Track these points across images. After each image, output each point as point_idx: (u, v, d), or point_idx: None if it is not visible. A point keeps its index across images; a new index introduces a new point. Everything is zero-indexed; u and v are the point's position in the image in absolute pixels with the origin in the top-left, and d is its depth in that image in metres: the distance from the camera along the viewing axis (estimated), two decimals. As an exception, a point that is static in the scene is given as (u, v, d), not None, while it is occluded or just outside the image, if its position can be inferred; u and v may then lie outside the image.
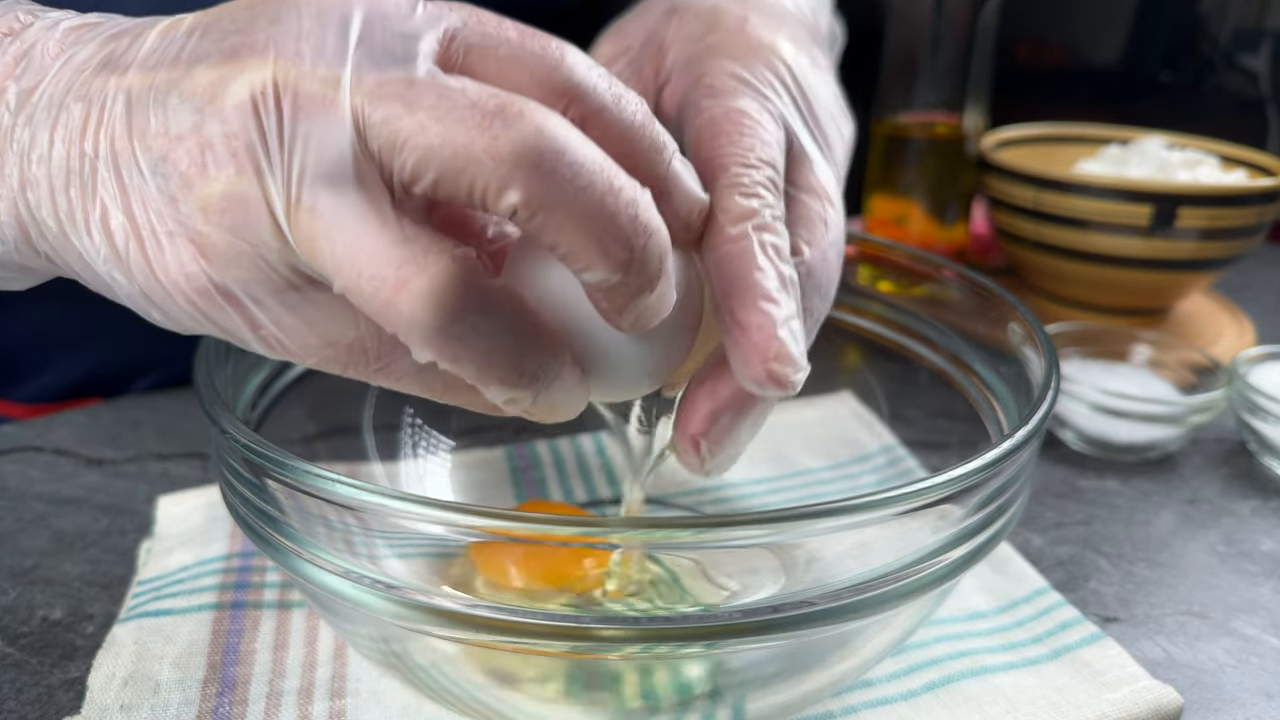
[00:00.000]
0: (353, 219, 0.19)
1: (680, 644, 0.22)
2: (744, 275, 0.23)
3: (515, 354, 0.20)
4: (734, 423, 0.25)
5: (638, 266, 0.20)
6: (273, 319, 0.21)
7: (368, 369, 0.22)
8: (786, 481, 0.43)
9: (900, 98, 0.61)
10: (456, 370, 0.20)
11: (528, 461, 0.43)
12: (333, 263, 0.19)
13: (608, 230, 0.19)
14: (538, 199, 0.19)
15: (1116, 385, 0.48)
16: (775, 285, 0.23)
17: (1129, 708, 0.31)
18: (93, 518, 0.41)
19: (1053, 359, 0.29)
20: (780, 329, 0.22)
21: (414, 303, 0.19)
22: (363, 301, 0.19)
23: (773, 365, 0.22)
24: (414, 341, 0.19)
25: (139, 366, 0.54)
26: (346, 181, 0.19)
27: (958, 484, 0.23)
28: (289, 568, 0.24)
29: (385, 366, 0.22)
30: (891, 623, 0.26)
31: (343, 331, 0.21)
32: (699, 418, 0.24)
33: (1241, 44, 1.38)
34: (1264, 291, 0.74)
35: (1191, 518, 0.44)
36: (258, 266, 0.20)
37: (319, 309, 0.21)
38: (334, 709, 0.31)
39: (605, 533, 0.24)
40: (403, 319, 0.19)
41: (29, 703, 0.31)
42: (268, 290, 0.20)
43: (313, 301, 0.21)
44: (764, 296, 0.23)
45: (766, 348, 0.22)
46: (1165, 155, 0.62)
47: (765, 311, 0.22)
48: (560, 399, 0.22)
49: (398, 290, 0.19)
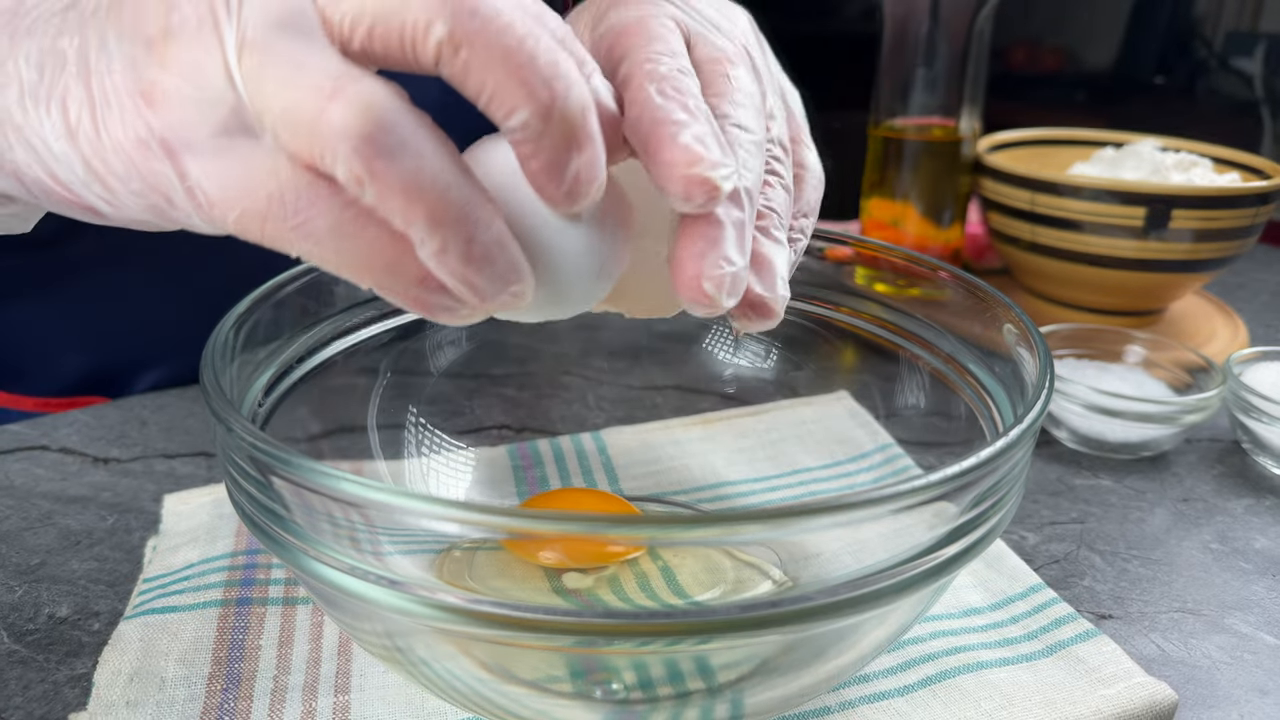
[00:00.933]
0: (300, 56, 0.20)
1: (679, 639, 0.23)
2: (651, 115, 0.24)
3: (444, 181, 0.21)
4: (716, 257, 0.24)
5: (560, 112, 0.21)
6: (201, 167, 0.21)
7: (285, 224, 0.22)
8: (784, 480, 0.43)
9: (896, 102, 0.61)
10: (380, 200, 0.20)
11: (530, 459, 0.44)
12: (275, 87, 0.20)
13: (529, 68, 0.20)
14: (461, 32, 0.20)
15: (1110, 385, 0.49)
16: (680, 113, 0.24)
17: (1123, 704, 0.31)
18: (99, 516, 0.41)
19: (1047, 359, 0.29)
20: (684, 136, 0.23)
21: (346, 108, 0.20)
22: (296, 122, 0.20)
23: (691, 171, 0.23)
24: (342, 153, 0.20)
25: (144, 362, 0.54)
26: (296, 29, 0.20)
27: (953, 482, 0.24)
28: (294, 564, 0.25)
29: (303, 223, 0.22)
30: (887, 619, 0.27)
31: (264, 181, 0.21)
32: (688, 274, 0.24)
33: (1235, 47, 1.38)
34: (1257, 292, 0.74)
35: (1185, 516, 0.44)
36: (200, 110, 0.21)
37: (245, 159, 0.21)
38: (338, 704, 0.31)
39: (605, 530, 0.24)
40: (334, 128, 0.20)
41: (36, 699, 0.32)
42: (203, 133, 0.21)
43: (241, 150, 0.21)
44: (669, 121, 0.23)
45: (680, 157, 0.23)
46: (1159, 157, 0.62)
47: (671, 132, 0.23)
48: (498, 261, 0.22)
49: (333, 97, 0.20)
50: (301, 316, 0.35)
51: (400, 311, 0.39)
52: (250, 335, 0.31)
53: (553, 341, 0.45)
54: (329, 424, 0.36)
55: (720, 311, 0.24)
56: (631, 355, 0.45)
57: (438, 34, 0.20)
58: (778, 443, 0.44)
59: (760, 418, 0.45)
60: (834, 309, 0.40)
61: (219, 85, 0.21)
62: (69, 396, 0.54)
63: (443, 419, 0.41)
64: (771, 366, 0.43)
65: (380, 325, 0.38)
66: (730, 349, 0.44)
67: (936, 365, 0.36)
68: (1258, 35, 1.36)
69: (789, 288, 0.27)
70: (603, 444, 0.45)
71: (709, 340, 0.44)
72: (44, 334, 0.53)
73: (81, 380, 0.54)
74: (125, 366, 0.54)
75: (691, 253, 0.24)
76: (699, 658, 0.28)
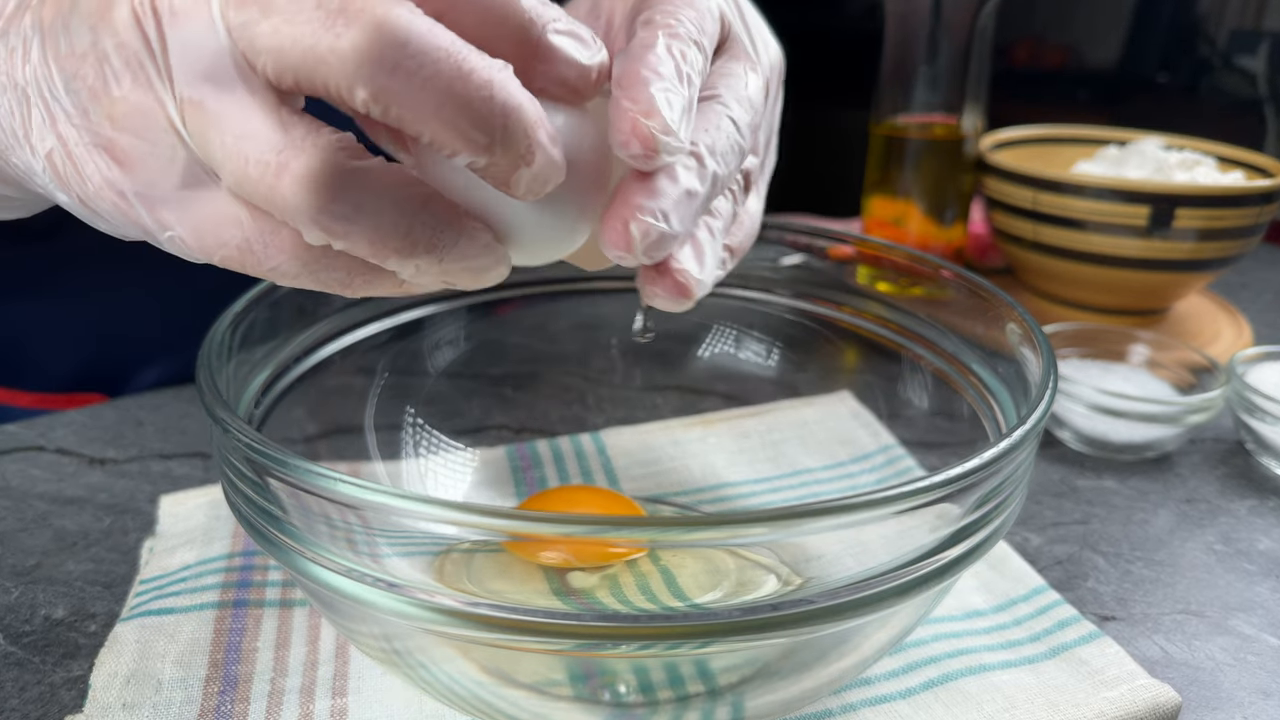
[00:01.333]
0: (237, 112, 0.20)
1: (680, 642, 0.22)
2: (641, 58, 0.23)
3: (404, 225, 0.21)
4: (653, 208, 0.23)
5: (501, 147, 0.21)
6: (176, 217, 0.22)
7: (261, 268, 0.22)
8: (785, 481, 0.43)
9: (899, 99, 0.61)
10: (350, 248, 0.21)
11: (529, 460, 0.44)
12: (222, 154, 0.20)
13: (463, 115, 0.20)
14: (385, 94, 0.19)
15: (1114, 385, 0.49)
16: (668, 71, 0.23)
17: (1127, 706, 0.31)
18: (95, 517, 0.41)
19: (1050, 359, 0.29)
20: (655, 86, 0.22)
21: (294, 185, 0.20)
22: (251, 190, 0.20)
23: (640, 121, 0.22)
24: (302, 224, 0.20)
25: (144, 358, 0.54)
26: (229, 79, 0.20)
27: (956, 483, 0.23)
28: (291, 566, 0.25)
29: (275, 267, 0.22)
30: (890, 621, 0.26)
31: (231, 231, 0.22)
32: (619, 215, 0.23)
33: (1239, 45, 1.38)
34: (1261, 291, 0.74)
35: (1189, 517, 0.44)
36: (162, 167, 0.21)
37: (212, 209, 0.22)
38: (335, 707, 0.31)
39: (607, 533, 0.24)
40: (287, 203, 0.20)
41: (32, 701, 0.31)
42: (169, 187, 0.21)
43: (205, 201, 0.22)
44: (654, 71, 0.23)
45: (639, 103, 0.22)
46: (1163, 156, 0.62)
47: (646, 78, 0.22)
48: (473, 260, 0.23)
49: (279, 174, 0.20)
50: (298, 316, 0.35)
51: (398, 312, 0.39)
52: (247, 335, 0.31)
53: (552, 341, 0.45)
54: (326, 425, 0.36)
55: (634, 262, 0.23)
56: (631, 355, 0.45)
57: (361, 97, 0.19)
58: (779, 443, 0.44)
59: (761, 418, 0.45)
60: (836, 308, 0.40)
61: (170, 142, 0.21)
62: (67, 393, 0.54)
63: (441, 419, 0.41)
64: (773, 366, 0.43)
65: (377, 325, 0.38)
66: (732, 349, 0.44)
67: (939, 365, 0.36)
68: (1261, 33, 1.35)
69: (710, 288, 0.26)
70: (602, 444, 0.45)
71: (710, 340, 0.44)
72: (42, 329, 0.52)
73: (80, 376, 0.54)
74: (124, 362, 0.54)
75: (630, 198, 0.23)
76: (699, 661, 0.28)
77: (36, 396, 0.53)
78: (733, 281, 0.42)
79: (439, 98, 0.20)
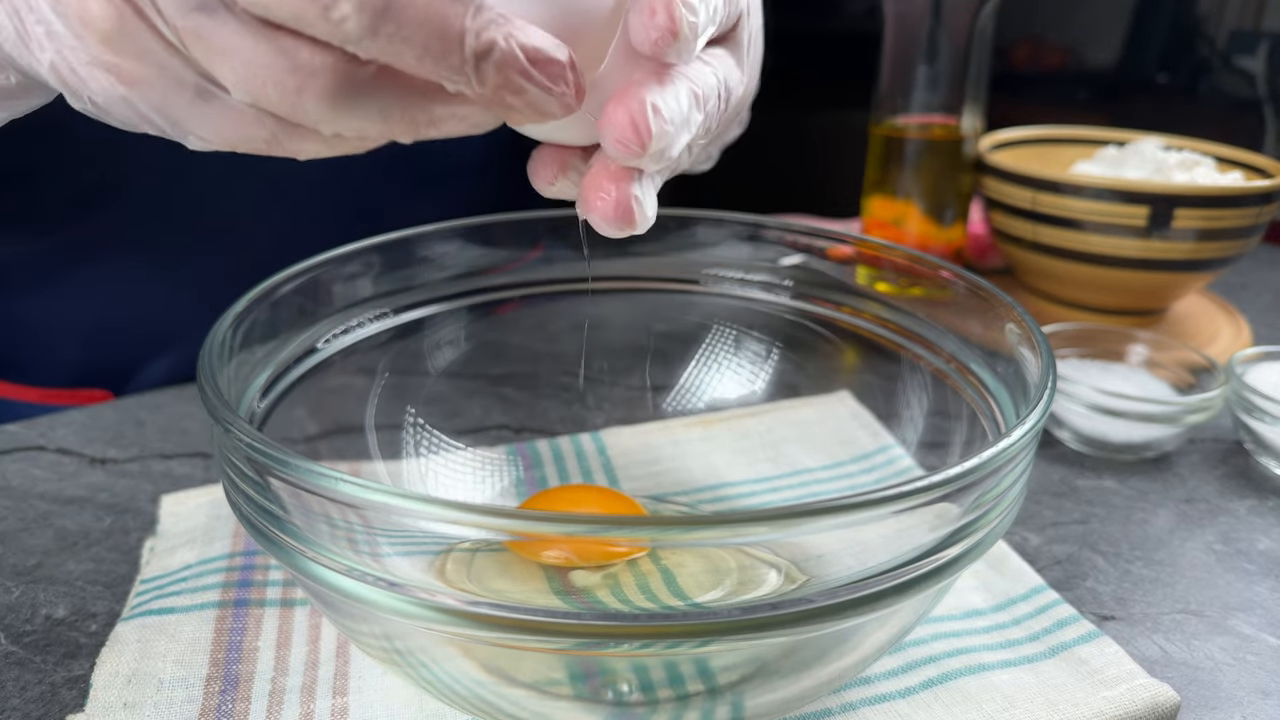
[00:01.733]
0: (236, 38, 0.20)
1: (680, 641, 0.22)
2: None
3: (457, 26, 0.20)
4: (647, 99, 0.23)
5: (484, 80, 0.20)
6: (198, 125, 0.22)
7: (287, 149, 0.23)
8: (785, 480, 0.43)
9: (898, 100, 0.61)
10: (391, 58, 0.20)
11: (529, 460, 0.44)
12: (234, 78, 0.20)
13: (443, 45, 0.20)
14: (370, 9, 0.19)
15: (1113, 385, 0.49)
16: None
17: (1126, 705, 0.31)
18: (96, 517, 0.41)
19: (1049, 359, 0.29)
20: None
21: (317, 103, 0.20)
22: (273, 107, 0.21)
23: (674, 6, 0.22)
24: (322, 126, 0.21)
25: (148, 354, 0.54)
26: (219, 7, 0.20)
27: (955, 483, 0.23)
28: (292, 565, 0.25)
29: (305, 150, 0.23)
30: (889, 620, 0.27)
31: (254, 130, 0.22)
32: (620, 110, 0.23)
33: (1238, 45, 1.38)
34: (1260, 291, 0.74)
35: (1188, 517, 0.44)
36: (169, 85, 0.21)
37: (236, 112, 0.22)
38: (336, 706, 0.31)
39: (608, 532, 0.24)
40: (311, 116, 0.21)
41: (33, 700, 0.31)
42: (183, 103, 0.22)
43: (226, 103, 0.22)
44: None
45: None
46: (1162, 156, 0.62)
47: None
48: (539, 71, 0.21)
49: (300, 94, 0.20)
50: (299, 316, 0.35)
51: (399, 311, 0.39)
52: (248, 334, 0.31)
53: (552, 341, 0.45)
54: (327, 424, 0.36)
55: (639, 155, 0.23)
56: (631, 355, 0.45)
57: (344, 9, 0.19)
58: (779, 443, 0.44)
59: (761, 418, 0.45)
60: (835, 309, 0.40)
61: (176, 64, 0.21)
62: (71, 388, 0.54)
63: (441, 419, 0.41)
64: (772, 366, 0.43)
65: (378, 325, 0.38)
66: (732, 349, 0.44)
67: (938, 365, 0.36)
68: (1260, 34, 1.35)
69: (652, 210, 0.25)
70: (602, 444, 0.45)
71: (710, 340, 0.44)
72: (45, 324, 0.52)
73: (84, 372, 0.54)
74: (130, 357, 0.54)
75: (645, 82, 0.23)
76: (699, 660, 0.28)
77: (41, 391, 0.53)
78: (733, 281, 0.42)
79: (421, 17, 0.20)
